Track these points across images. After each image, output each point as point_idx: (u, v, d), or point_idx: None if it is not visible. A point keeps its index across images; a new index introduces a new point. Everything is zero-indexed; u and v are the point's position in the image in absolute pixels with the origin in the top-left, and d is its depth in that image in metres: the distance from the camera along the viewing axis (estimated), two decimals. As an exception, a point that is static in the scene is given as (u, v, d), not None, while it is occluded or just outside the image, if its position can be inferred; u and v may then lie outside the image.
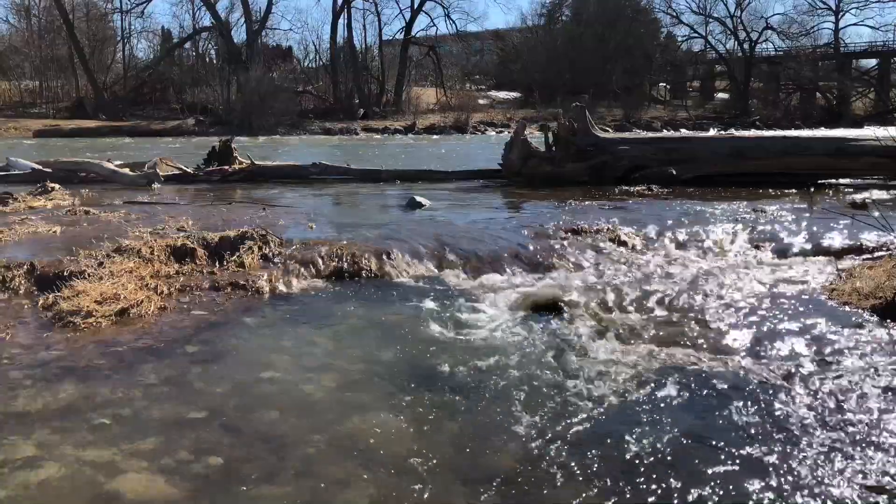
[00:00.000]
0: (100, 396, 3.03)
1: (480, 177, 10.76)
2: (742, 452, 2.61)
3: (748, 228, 6.26)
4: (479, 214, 7.22)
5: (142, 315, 4.01)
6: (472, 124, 43.23)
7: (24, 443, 2.65)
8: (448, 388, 3.16)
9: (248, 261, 4.92)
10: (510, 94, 55.17)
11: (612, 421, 2.86)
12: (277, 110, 39.65)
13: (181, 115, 41.23)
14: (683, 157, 9.88)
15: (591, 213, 6.98)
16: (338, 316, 4.21)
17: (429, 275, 5.08)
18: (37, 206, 7.33)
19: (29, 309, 4.14)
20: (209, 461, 2.54)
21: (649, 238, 5.98)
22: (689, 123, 43.82)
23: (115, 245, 4.98)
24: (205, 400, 3.03)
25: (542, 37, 56.59)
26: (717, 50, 54.25)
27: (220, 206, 7.71)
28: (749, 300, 4.44)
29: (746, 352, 3.63)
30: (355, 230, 6.01)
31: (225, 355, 3.56)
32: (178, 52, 51.73)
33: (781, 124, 40.10)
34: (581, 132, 9.94)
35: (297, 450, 2.63)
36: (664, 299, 4.43)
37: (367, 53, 52.35)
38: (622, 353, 3.57)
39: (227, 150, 10.90)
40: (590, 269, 5.18)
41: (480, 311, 4.25)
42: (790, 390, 3.14)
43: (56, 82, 47.75)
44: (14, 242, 5.42)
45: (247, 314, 4.18)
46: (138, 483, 2.40)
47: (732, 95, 52.95)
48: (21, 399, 2.99)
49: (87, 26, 47.52)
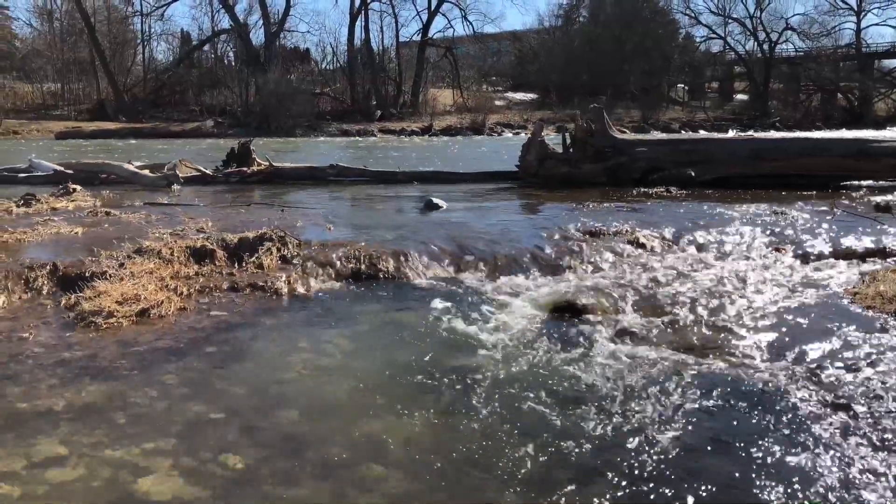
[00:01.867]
0: (121, 396, 3.06)
1: (497, 178, 10.75)
2: (764, 457, 2.58)
3: (768, 231, 6.20)
4: (496, 216, 7.21)
5: (162, 315, 4.05)
6: (489, 126, 43.27)
7: (47, 442, 2.67)
8: (466, 391, 3.16)
9: (266, 262, 4.95)
10: (527, 96, 55.13)
11: (631, 424, 2.84)
12: (295, 112, 39.92)
13: (200, 117, 41.62)
14: (702, 158, 9.81)
15: (609, 214, 6.95)
16: (356, 317, 4.22)
17: (446, 276, 5.08)
18: (59, 207, 7.42)
19: (52, 309, 4.19)
20: (229, 461, 2.55)
21: (668, 240, 5.94)
22: (707, 125, 43.57)
23: (135, 246, 5.03)
24: (225, 400, 3.05)
25: (560, 38, 56.51)
26: (736, 51, 53.91)
27: (239, 207, 7.76)
28: (770, 303, 4.40)
29: (767, 355, 3.59)
30: (372, 231, 6.03)
31: (244, 356, 3.58)
32: (197, 55, 52.25)
33: (802, 126, 39.76)
34: (599, 133, 9.90)
35: (317, 451, 2.64)
36: (683, 302, 4.39)
37: (384, 55, 52.58)
38: (641, 356, 3.55)
39: (245, 152, 10.97)
40: (608, 272, 5.16)
41: (498, 313, 4.24)
42: (813, 395, 3.10)
43: (77, 85, 48.45)
44: (37, 243, 5.49)
45: (266, 315, 4.20)
46: (160, 483, 2.41)
47: (752, 97, 52.57)
48: (44, 398, 3.02)
49: (107, 29, 48.17)
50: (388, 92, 50.51)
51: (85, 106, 46.18)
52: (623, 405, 3.01)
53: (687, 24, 55.70)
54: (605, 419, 2.88)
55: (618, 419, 2.89)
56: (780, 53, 52.63)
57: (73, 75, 48.48)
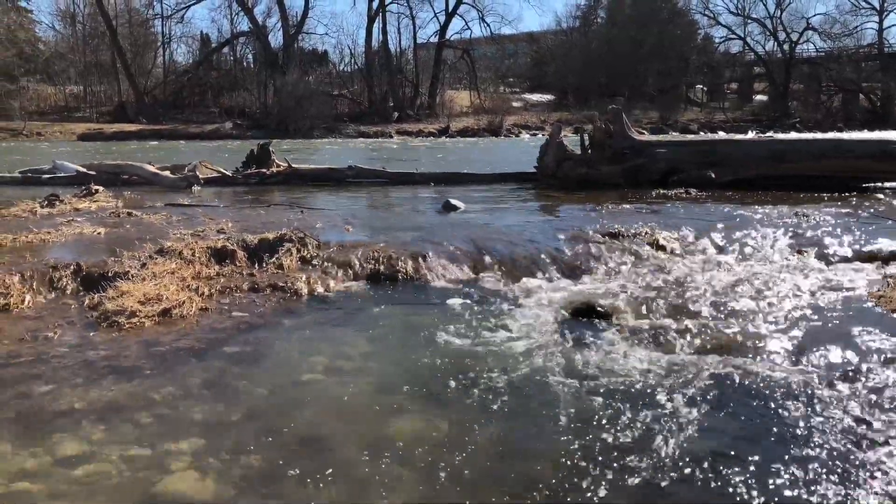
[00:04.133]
0: (144, 396, 3.09)
1: (515, 179, 10.74)
2: (786, 462, 2.55)
3: (790, 233, 6.13)
4: (514, 217, 7.20)
5: (183, 316, 4.08)
6: (506, 127, 43.24)
7: (71, 440, 2.71)
8: (485, 393, 3.15)
9: (286, 263, 4.98)
10: (544, 97, 55.02)
11: (652, 428, 2.82)
12: (313, 114, 40.15)
13: (219, 119, 41.99)
14: (721, 159, 9.73)
15: (628, 216, 6.91)
16: (375, 318, 4.23)
17: (465, 278, 5.08)
18: (82, 207, 7.51)
19: (75, 309, 4.24)
20: (250, 461, 2.57)
21: (688, 242, 5.90)
22: (726, 126, 43.22)
23: (157, 247, 5.08)
24: (245, 401, 3.07)
25: (577, 39, 56.34)
26: (755, 51, 53.43)
27: (259, 208, 7.82)
28: (792, 306, 4.35)
29: (790, 359, 3.55)
30: (391, 233, 6.04)
31: (264, 357, 3.60)
32: (217, 57, 52.70)
33: (823, 127, 39.32)
34: (617, 134, 9.86)
35: (337, 452, 2.65)
36: (704, 304, 4.36)
37: (401, 57, 52.70)
38: (662, 359, 3.52)
39: (265, 154, 11.06)
40: (628, 274, 5.13)
41: (518, 315, 4.23)
42: (837, 400, 3.06)
43: (99, 87, 49.05)
44: (61, 243, 5.56)
45: (285, 316, 4.22)
46: (182, 482, 2.43)
47: (771, 97, 52.05)
48: (69, 397, 3.06)
49: (129, 32, 48.72)
50: (405, 94, 50.61)
51: (106, 108, 46.76)
52: (644, 409, 2.99)
53: (706, 25, 55.34)
54: (626, 423, 2.86)
55: (639, 423, 2.87)
56: (801, 54, 52.09)
57: (95, 77, 49.11)
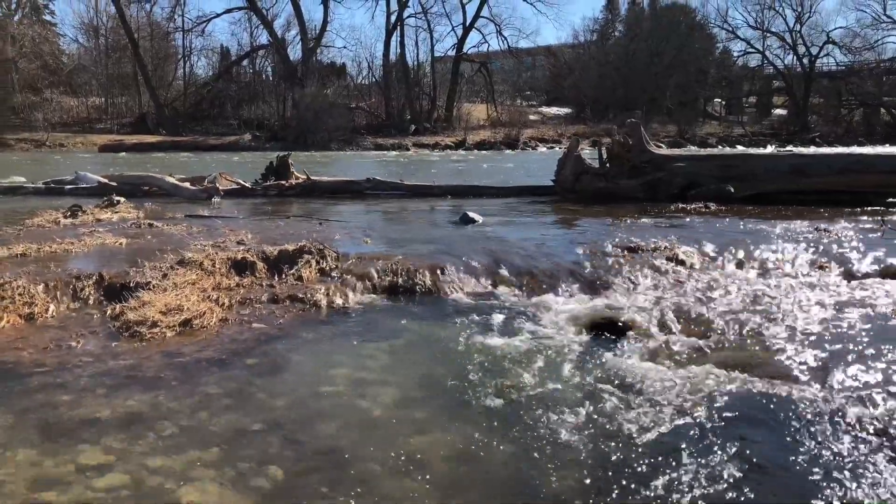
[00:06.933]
0: (165, 406, 3.11)
1: (533, 193, 10.74)
2: (808, 482, 2.52)
3: (811, 248, 6.08)
4: (532, 231, 7.19)
5: (204, 326, 4.11)
6: (523, 140, 43.27)
7: (93, 449, 2.73)
8: (505, 407, 3.14)
9: (305, 274, 5.00)
10: (561, 110, 55.04)
11: (671, 445, 2.80)
12: (331, 126, 40.40)
13: (238, 131, 42.37)
14: (741, 174, 9.68)
15: (647, 230, 6.88)
16: (394, 331, 4.23)
17: (483, 291, 5.07)
18: (104, 218, 7.60)
19: (98, 318, 4.28)
20: (270, 473, 2.57)
21: (708, 257, 5.86)
22: (744, 140, 42.97)
23: (178, 257, 5.12)
24: (265, 412, 3.08)
25: (595, 52, 56.33)
26: (774, 65, 53.13)
27: (278, 219, 7.87)
28: (814, 323, 4.30)
29: (811, 377, 3.51)
30: (409, 245, 6.05)
31: (284, 368, 3.61)
32: (236, 70, 53.24)
33: (843, 141, 38.98)
34: (635, 148, 9.83)
35: (357, 464, 2.65)
36: (724, 320, 4.32)
37: (418, 70, 52.95)
38: (681, 375, 3.50)
39: (284, 166, 11.14)
40: (648, 288, 5.10)
41: (536, 329, 4.22)
42: (859, 419, 3.02)
43: (120, 99, 49.71)
44: (84, 254, 5.63)
45: (305, 328, 4.24)
46: (203, 492, 2.44)
47: (791, 111, 51.70)
48: (91, 406, 3.09)
49: (150, 45, 49.37)
50: (422, 106, 50.83)
51: (127, 119, 47.38)
52: (664, 425, 2.96)
53: (724, 39, 55.10)
54: (646, 439, 2.84)
55: (659, 439, 2.84)
56: (821, 67, 51.74)
57: (117, 90, 49.83)
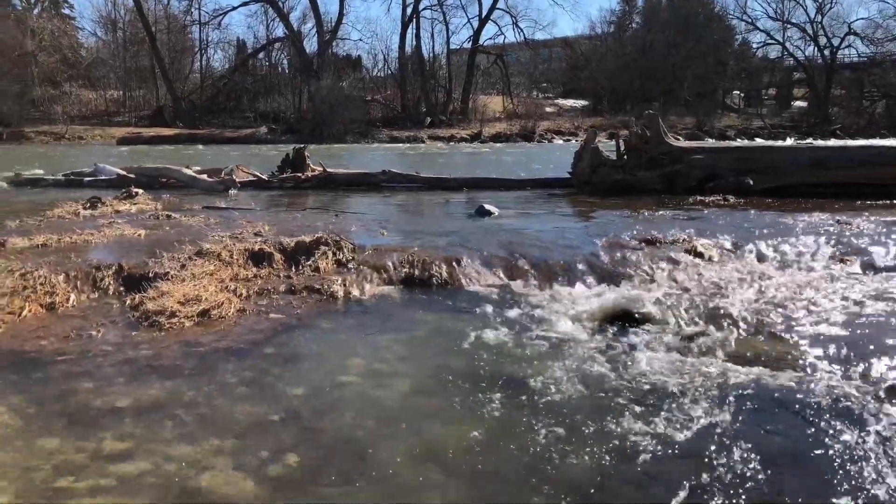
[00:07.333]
0: (184, 395, 3.14)
1: (549, 185, 10.69)
2: (827, 475, 2.49)
3: (832, 241, 6.00)
4: (548, 223, 7.16)
5: (222, 316, 4.14)
6: (539, 132, 43.07)
7: (114, 437, 2.76)
8: (521, 398, 3.13)
9: (322, 266, 5.02)
10: (578, 102, 54.69)
11: (689, 437, 2.78)
12: (346, 119, 40.43)
13: (254, 124, 42.56)
14: (761, 166, 9.57)
15: (665, 223, 6.83)
16: (410, 322, 4.24)
17: (499, 283, 5.06)
18: (122, 209, 7.67)
19: (117, 308, 4.33)
20: (289, 462, 2.59)
21: (727, 250, 5.80)
22: (764, 132, 42.46)
23: (196, 248, 5.16)
24: (283, 402, 3.09)
25: (612, 44, 55.90)
26: (795, 56, 52.38)
27: (295, 211, 7.90)
28: (835, 316, 4.25)
29: (833, 370, 3.47)
30: (425, 237, 6.05)
31: (301, 358, 3.63)
32: (252, 62, 53.40)
33: (865, 133, 38.41)
34: (653, 140, 9.76)
35: (374, 454, 2.65)
36: (743, 313, 4.28)
37: (434, 62, 52.80)
38: (699, 368, 3.47)
39: (300, 158, 11.18)
40: (665, 281, 5.06)
41: (553, 320, 4.20)
42: (882, 414, 2.98)
43: (138, 92, 50.04)
44: (103, 244, 5.68)
45: (322, 318, 4.25)
46: (222, 480, 2.46)
47: (811, 103, 51.00)
48: (111, 395, 3.12)
49: (167, 38, 49.62)
50: (437, 99, 50.70)
51: (145, 112, 47.71)
52: (681, 418, 2.95)
53: (743, 30, 54.38)
54: (662, 431, 2.82)
55: (675, 432, 2.82)
56: (843, 59, 50.97)
57: (134, 83, 50.15)
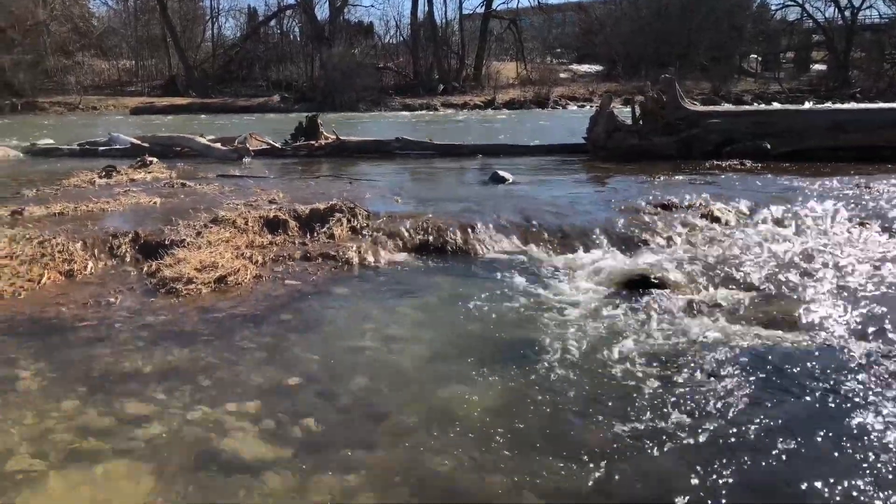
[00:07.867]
0: (203, 360, 3.17)
1: (564, 151, 10.59)
2: (842, 439, 2.49)
3: (851, 205, 5.92)
4: (563, 189, 7.11)
5: (239, 283, 4.16)
6: (553, 99, 42.53)
7: (134, 402, 2.80)
8: (537, 363, 3.14)
9: (337, 232, 5.02)
10: (592, 68, 53.88)
11: (706, 400, 2.78)
12: (359, 86, 40.08)
13: (266, 92, 42.31)
14: (778, 130, 9.41)
15: (681, 187, 6.76)
16: (425, 288, 4.24)
17: (514, 249, 5.05)
18: (137, 178, 7.69)
19: (135, 275, 4.36)
20: (307, 425, 2.62)
21: (744, 214, 5.74)
22: (781, 97, 41.66)
23: (211, 216, 5.17)
24: (300, 366, 3.12)
25: (626, 7, 54.83)
26: (814, 18, 51.19)
27: (308, 179, 7.89)
28: (853, 279, 4.21)
29: (851, 334, 3.45)
30: (439, 204, 6.03)
31: (318, 324, 3.65)
32: (264, 30, 52.90)
33: (885, 96, 37.55)
34: (670, 105, 9.62)
35: (391, 417, 2.68)
36: (761, 277, 4.25)
37: (447, 28, 52.08)
38: (717, 332, 3.46)
39: (313, 126, 11.13)
40: (682, 246, 5.03)
41: (568, 286, 4.19)
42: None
43: (150, 61, 49.85)
44: (119, 212, 5.72)
45: (337, 284, 4.27)
46: (242, 443, 2.50)
47: (830, 66, 49.93)
48: (131, 361, 3.16)
49: (178, 6, 49.23)
50: (450, 65, 50.06)
51: (157, 82, 47.57)
52: (700, 381, 2.95)
53: (762, -8, 53.15)
54: (680, 395, 2.82)
55: (693, 395, 2.83)
56: (863, 20, 49.76)
57: (146, 52, 49.94)
